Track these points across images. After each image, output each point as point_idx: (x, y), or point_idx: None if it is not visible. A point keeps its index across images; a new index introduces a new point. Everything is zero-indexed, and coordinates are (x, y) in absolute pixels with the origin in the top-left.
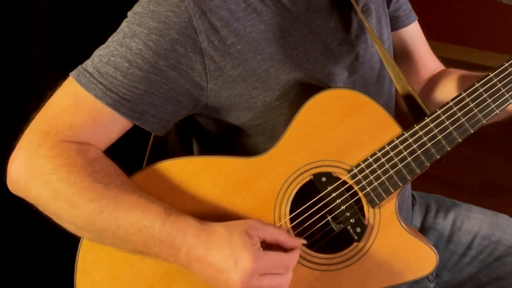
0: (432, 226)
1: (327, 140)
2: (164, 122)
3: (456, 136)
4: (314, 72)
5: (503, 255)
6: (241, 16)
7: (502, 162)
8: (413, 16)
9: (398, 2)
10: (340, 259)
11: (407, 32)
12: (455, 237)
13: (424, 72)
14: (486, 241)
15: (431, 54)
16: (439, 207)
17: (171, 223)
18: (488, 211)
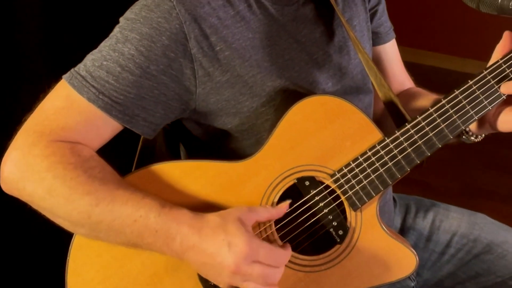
0: (412, 226)
1: (310, 145)
2: (154, 126)
3: (436, 141)
4: (298, 80)
5: (481, 252)
6: (229, 24)
7: (481, 167)
8: (392, 34)
9: (380, 19)
10: (323, 261)
11: (385, 49)
12: (434, 236)
13: (397, 86)
14: (464, 240)
15: (404, 71)
16: (418, 207)
17: (166, 213)
18: (466, 210)
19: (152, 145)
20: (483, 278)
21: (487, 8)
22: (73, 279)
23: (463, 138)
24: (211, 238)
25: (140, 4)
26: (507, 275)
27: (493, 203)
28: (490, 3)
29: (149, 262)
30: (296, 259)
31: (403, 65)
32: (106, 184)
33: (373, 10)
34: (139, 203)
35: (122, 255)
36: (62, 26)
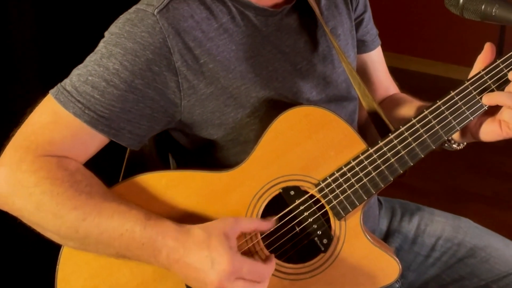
0: (398, 229)
1: (295, 155)
2: (140, 138)
3: (418, 152)
4: (283, 90)
5: (465, 256)
6: (213, 36)
7: (465, 170)
8: (378, 41)
9: (366, 27)
10: (307, 269)
11: (371, 56)
12: (419, 239)
13: (382, 92)
14: (448, 243)
15: (389, 77)
16: (404, 211)
17: (151, 226)
18: (450, 214)
19: (139, 154)
20: (466, 282)
21: (470, 14)
22: (62, 286)
23: (445, 146)
24: (194, 253)
25: (124, 18)
26: (490, 279)
27: (477, 205)
28: (474, 10)
29: (137, 271)
30: (282, 267)
31: (388, 71)
32: (93, 198)
33: (359, 18)
34: (125, 216)
35: (111, 264)
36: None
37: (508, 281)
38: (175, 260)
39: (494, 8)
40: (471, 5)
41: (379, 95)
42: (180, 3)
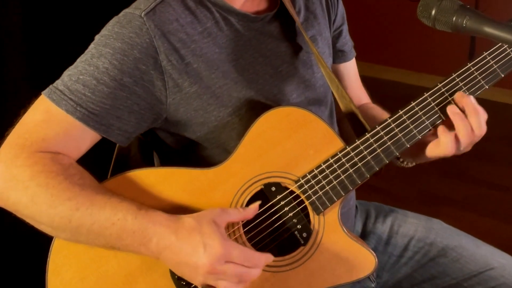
0: (372, 231)
1: (276, 153)
2: (128, 134)
3: (393, 149)
4: (263, 92)
5: (436, 256)
6: (197, 39)
7: (438, 175)
8: (354, 52)
9: (345, 38)
10: (288, 261)
11: (347, 67)
12: (392, 240)
13: (355, 101)
14: (421, 243)
15: (362, 87)
16: (378, 213)
17: (143, 215)
18: (423, 216)
19: (126, 153)
20: (438, 280)
21: (442, 26)
22: (53, 278)
23: (398, 163)
24: (187, 239)
25: (113, 21)
26: (461, 277)
27: (448, 208)
28: (445, 21)
29: (125, 263)
30: None
31: (360, 81)
32: (86, 190)
33: (338, 30)
34: (117, 206)
35: (99, 256)
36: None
37: (478, 280)
38: (166, 246)
39: (465, 20)
40: (443, 16)
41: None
42: (166, 7)
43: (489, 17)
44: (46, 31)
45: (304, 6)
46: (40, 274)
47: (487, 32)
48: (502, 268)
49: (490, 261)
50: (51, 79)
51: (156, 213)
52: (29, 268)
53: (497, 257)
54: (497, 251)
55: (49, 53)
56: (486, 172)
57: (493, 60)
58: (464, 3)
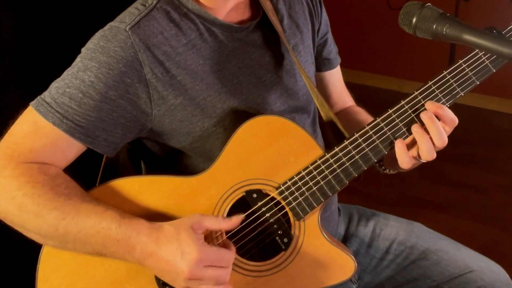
0: (355, 234)
1: (257, 160)
2: (114, 145)
3: (371, 156)
4: (247, 101)
5: (417, 258)
6: (181, 51)
7: (418, 177)
8: (338, 59)
9: (330, 46)
10: (269, 266)
11: (332, 73)
12: (374, 243)
13: (340, 104)
14: (402, 247)
15: (346, 91)
16: (360, 216)
17: (126, 224)
18: (404, 219)
19: (114, 161)
20: (419, 282)
21: (422, 33)
22: (42, 284)
23: (380, 170)
24: (165, 246)
25: (99, 35)
26: (441, 280)
27: (427, 211)
28: (426, 29)
29: (112, 269)
30: (245, 265)
31: (344, 85)
32: (72, 199)
33: (323, 38)
34: (101, 215)
35: (87, 263)
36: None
37: (458, 282)
38: (149, 254)
39: (445, 28)
40: (423, 24)
41: (338, 107)
42: (151, 20)
43: (468, 25)
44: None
45: (287, 14)
46: (30, 280)
47: (467, 40)
48: (481, 271)
49: (469, 264)
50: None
51: (139, 222)
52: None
53: (476, 260)
54: (477, 254)
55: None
56: (465, 175)
57: (468, 68)
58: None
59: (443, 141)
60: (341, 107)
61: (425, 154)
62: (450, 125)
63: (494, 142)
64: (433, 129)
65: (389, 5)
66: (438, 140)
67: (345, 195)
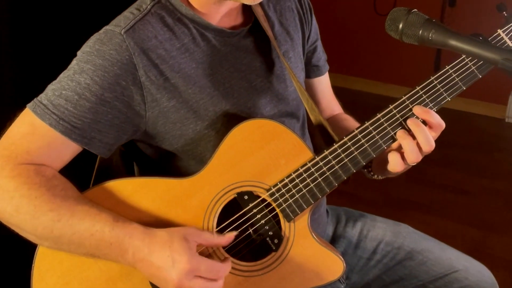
0: (342, 235)
1: (249, 163)
2: (109, 146)
3: (360, 159)
4: (238, 105)
5: (403, 259)
6: (175, 55)
7: (404, 180)
8: (327, 66)
9: (319, 53)
10: (260, 266)
11: (321, 80)
12: (362, 243)
13: (328, 112)
14: (389, 247)
15: (334, 99)
16: (348, 218)
17: (119, 228)
18: (391, 221)
19: (108, 163)
20: (405, 282)
21: (409, 39)
22: (38, 283)
23: (368, 175)
24: (157, 253)
25: (94, 38)
26: (427, 280)
27: (414, 212)
28: (412, 34)
29: (105, 268)
30: (236, 265)
31: (333, 93)
32: (67, 201)
33: (313, 46)
34: (95, 218)
35: (81, 262)
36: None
37: (444, 282)
38: (140, 259)
39: (430, 33)
40: (410, 30)
41: (326, 114)
42: (145, 24)
43: (454, 30)
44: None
45: (278, 21)
46: (25, 279)
47: (452, 45)
48: (466, 271)
49: (454, 264)
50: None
51: (132, 226)
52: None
53: (461, 260)
54: (462, 254)
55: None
56: (451, 177)
57: (455, 74)
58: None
59: (430, 146)
60: (329, 114)
61: (409, 155)
62: (436, 129)
63: (479, 145)
64: (420, 135)
65: (376, 11)
66: (426, 146)
67: (333, 197)
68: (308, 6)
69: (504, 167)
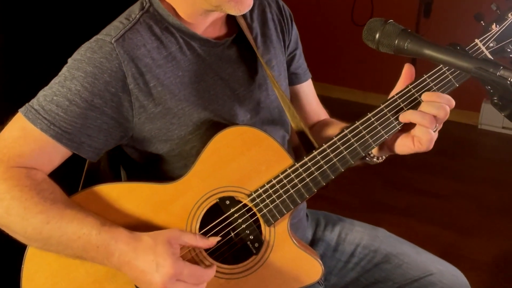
0: (321, 238)
1: (231, 169)
2: (97, 151)
3: (339, 166)
4: (222, 112)
5: (380, 262)
6: (162, 63)
7: (381, 185)
8: (308, 74)
9: (298, 62)
10: (241, 269)
11: (303, 87)
12: (340, 247)
13: (313, 118)
14: (366, 250)
15: (319, 105)
16: (327, 221)
17: (106, 231)
18: (368, 225)
19: (96, 168)
20: (382, 285)
21: (385, 48)
22: (27, 283)
23: (366, 160)
24: (142, 257)
25: (86, 46)
26: (402, 282)
27: (391, 217)
28: (388, 44)
29: (92, 270)
30: (218, 268)
31: (318, 100)
32: (56, 204)
33: (292, 54)
34: (83, 221)
35: (69, 264)
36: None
37: (419, 285)
38: (125, 262)
39: (406, 43)
40: (386, 40)
41: (311, 120)
42: (134, 33)
43: (428, 40)
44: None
45: (260, 31)
46: (15, 280)
47: (427, 54)
48: (440, 274)
49: (429, 267)
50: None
51: (119, 230)
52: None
53: (436, 264)
54: (436, 258)
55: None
56: (426, 182)
57: (433, 83)
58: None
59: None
60: (315, 120)
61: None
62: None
63: (453, 151)
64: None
65: (354, 21)
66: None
67: (312, 202)
68: (289, 15)
69: (477, 172)
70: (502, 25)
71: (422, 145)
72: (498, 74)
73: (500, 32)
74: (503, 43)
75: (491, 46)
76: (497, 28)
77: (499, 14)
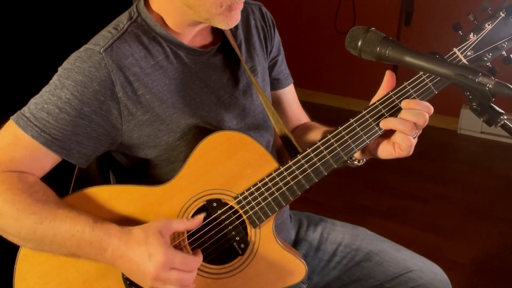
0: (304, 238)
1: (217, 172)
2: (87, 157)
3: (322, 170)
4: (208, 119)
5: (361, 260)
6: (149, 72)
7: (363, 187)
8: (290, 79)
9: (280, 67)
10: (228, 269)
11: (285, 93)
12: (322, 246)
13: (295, 121)
14: (348, 249)
15: (301, 109)
16: (309, 222)
17: (99, 228)
18: (349, 224)
19: (86, 171)
20: (364, 282)
21: (367, 55)
22: (19, 283)
23: (348, 163)
24: (134, 249)
25: (75, 56)
26: (383, 279)
27: (372, 218)
28: (370, 51)
29: (83, 270)
30: (205, 268)
31: (299, 104)
32: (48, 205)
33: (273, 60)
34: (76, 220)
35: (60, 264)
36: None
37: (399, 281)
38: (119, 255)
39: (387, 50)
40: (368, 47)
41: (292, 124)
42: (122, 43)
43: (409, 48)
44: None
45: (244, 39)
46: (7, 279)
47: (408, 61)
48: (420, 271)
49: (409, 264)
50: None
51: (110, 226)
52: None
53: (415, 260)
54: (416, 255)
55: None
56: (407, 185)
57: (413, 90)
58: (386, 35)
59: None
60: (296, 124)
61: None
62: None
63: (433, 155)
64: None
65: (337, 29)
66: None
67: (296, 203)
68: (271, 22)
69: (457, 176)
70: (479, 34)
71: (402, 151)
72: (477, 80)
73: (477, 42)
74: (480, 52)
75: (469, 54)
76: (475, 37)
77: (476, 24)
